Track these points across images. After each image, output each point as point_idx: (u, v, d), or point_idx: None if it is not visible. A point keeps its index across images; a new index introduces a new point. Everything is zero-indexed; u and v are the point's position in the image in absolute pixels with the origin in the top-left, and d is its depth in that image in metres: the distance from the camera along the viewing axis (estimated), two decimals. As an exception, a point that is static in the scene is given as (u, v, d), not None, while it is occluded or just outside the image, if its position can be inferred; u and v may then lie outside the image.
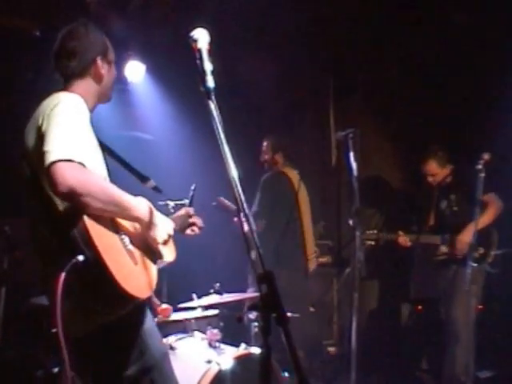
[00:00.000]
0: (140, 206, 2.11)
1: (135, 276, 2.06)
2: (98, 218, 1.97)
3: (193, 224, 2.48)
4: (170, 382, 2.23)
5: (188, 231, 2.50)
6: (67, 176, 1.86)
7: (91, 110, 2.21)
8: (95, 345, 2.04)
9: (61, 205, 1.99)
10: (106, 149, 2.28)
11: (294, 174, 4.91)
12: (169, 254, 2.37)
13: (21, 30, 4.54)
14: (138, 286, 2.03)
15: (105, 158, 2.23)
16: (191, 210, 2.51)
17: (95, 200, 1.91)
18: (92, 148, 2.09)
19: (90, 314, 1.99)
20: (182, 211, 2.49)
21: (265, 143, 5.00)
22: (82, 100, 2.11)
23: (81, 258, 1.89)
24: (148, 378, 2.11)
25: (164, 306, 3.35)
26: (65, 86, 2.24)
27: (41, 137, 1.98)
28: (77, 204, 1.91)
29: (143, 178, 2.51)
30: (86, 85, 2.25)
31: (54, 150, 1.89)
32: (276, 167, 4.93)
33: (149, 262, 2.20)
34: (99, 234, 1.95)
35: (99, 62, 2.27)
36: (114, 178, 2.23)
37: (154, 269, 2.22)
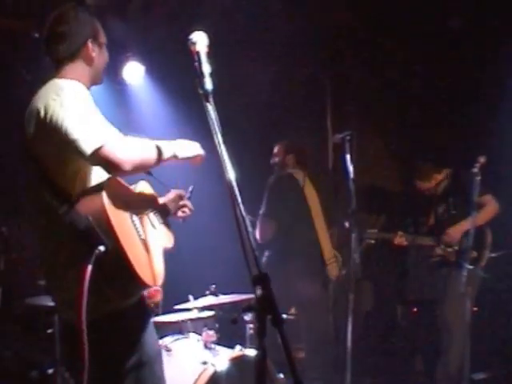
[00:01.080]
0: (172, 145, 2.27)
1: (148, 264, 2.11)
2: (116, 203, 2.01)
3: (184, 206, 2.54)
4: (158, 381, 2.23)
5: (179, 213, 2.55)
6: (119, 154, 1.95)
7: None
8: (96, 333, 2.02)
9: (75, 190, 2.02)
10: None
11: (301, 175, 4.79)
12: (167, 240, 2.42)
13: (18, 31, 4.54)
14: (151, 273, 2.08)
15: None
16: (182, 192, 2.58)
17: (149, 160, 2.08)
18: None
19: (99, 301, 1.99)
20: (172, 194, 2.55)
21: (277, 146, 4.90)
22: (81, 84, 2.12)
23: (102, 248, 1.91)
24: (136, 374, 2.11)
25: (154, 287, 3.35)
26: (56, 70, 2.22)
27: (48, 125, 1.99)
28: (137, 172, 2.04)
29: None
30: (78, 68, 2.24)
31: (89, 136, 1.94)
32: (285, 169, 4.84)
33: (157, 250, 2.23)
34: (118, 221, 1.99)
35: (90, 44, 2.25)
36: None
37: (161, 257, 2.26)
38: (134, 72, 5.23)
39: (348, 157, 3.85)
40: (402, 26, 5.24)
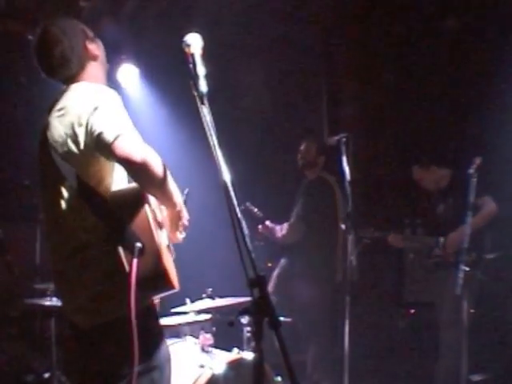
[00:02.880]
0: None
1: (172, 265, 2.13)
2: (148, 203, 2.03)
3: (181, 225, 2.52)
4: None
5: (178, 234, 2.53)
6: (134, 149, 1.91)
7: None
8: (115, 334, 2.01)
9: (100, 189, 2.02)
10: None
11: (333, 181, 4.78)
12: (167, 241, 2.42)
13: (13, 33, 4.53)
14: (175, 276, 2.10)
15: None
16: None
17: (157, 171, 1.96)
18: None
19: (122, 301, 1.96)
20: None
21: (306, 144, 4.85)
22: (104, 87, 2.12)
23: (139, 244, 1.91)
24: (149, 377, 2.09)
25: None
26: (75, 80, 2.20)
27: (78, 127, 1.99)
28: (145, 177, 1.95)
29: None
30: (91, 69, 2.25)
31: (112, 126, 1.94)
32: (315, 171, 4.83)
33: (168, 251, 2.25)
34: (152, 221, 2.00)
35: (88, 45, 2.26)
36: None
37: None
38: (129, 74, 5.22)
39: (344, 159, 3.85)
40: (398, 26, 5.25)
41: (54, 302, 3.57)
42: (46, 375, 3.93)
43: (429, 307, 4.63)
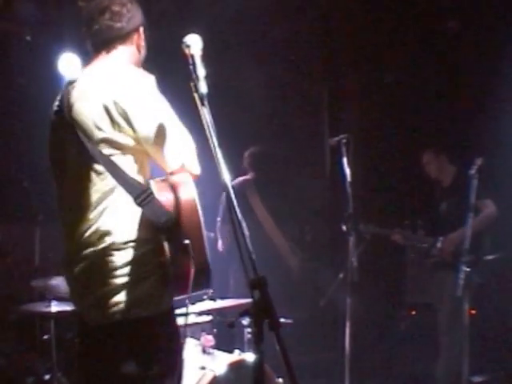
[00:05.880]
0: None
1: None
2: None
3: None
4: None
5: None
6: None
7: None
8: (144, 330, 1.95)
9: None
10: None
11: None
12: None
13: (11, 34, 4.52)
14: None
15: None
16: None
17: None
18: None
19: (161, 297, 1.96)
20: None
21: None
22: (145, 73, 2.05)
23: (187, 241, 1.88)
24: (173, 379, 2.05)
25: None
26: (107, 47, 2.10)
27: (115, 114, 1.93)
28: None
29: None
30: (130, 52, 2.15)
31: (183, 156, 1.99)
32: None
33: None
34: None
35: (141, 32, 2.18)
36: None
37: None
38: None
39: (345, 160, 3.85)
40: (399, 28, 5.25)
41: (53, 306, 3.55)
42: (47, 377, 3.93)
43: (430, 308, 4.62)
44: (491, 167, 3.85)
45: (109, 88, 1.96)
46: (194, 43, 1.88)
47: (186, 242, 1.87)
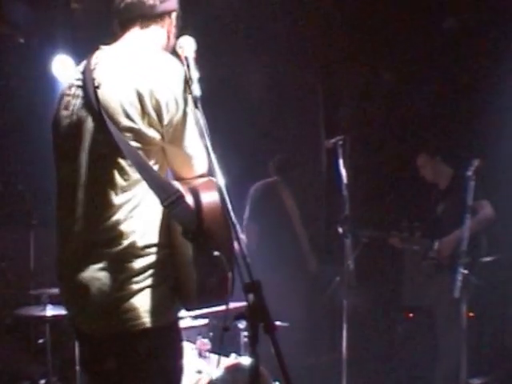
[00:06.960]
0: None
1: None
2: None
3: None
4: None
5: None
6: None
7: None
8: (153, 342, 1.87)
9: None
10: None
11: None
12: None
13: (4, 36, 4.50)
14: None
15: None
16: None
17: None
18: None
19: (171, 307, 1.90)
20: None
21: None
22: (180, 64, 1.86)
23: (218, 253, 1.73)
24: None
25: None
26: (140, 24, 1.95)
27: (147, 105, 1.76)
28: None
29: None
30: (161, 35, 2.00)
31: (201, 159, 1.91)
32: None
33: None
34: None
35: (174, 17, 2.03)
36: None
37: None
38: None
39: (341, 162, 3.84)
40: (396, 28, 5.25)
41: (49, 310, 3.53)
42: (42, 381, 3.91)
43: (428, 311, 4.61)
44: (488, 169, 3.84)
45: (145, 74, 1.79)
46: (187, 45, 1.86)
47: (217, 253, 1.72)
